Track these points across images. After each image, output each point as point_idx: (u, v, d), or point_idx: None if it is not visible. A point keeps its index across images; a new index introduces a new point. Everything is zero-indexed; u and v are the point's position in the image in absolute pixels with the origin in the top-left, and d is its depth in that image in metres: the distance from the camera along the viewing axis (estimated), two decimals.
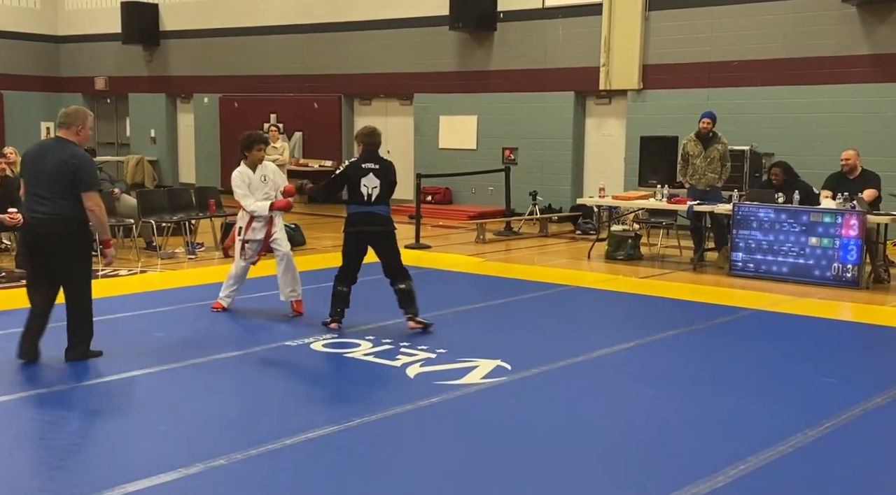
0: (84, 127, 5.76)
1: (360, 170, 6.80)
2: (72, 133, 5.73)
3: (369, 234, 6.87)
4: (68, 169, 5.57)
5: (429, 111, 16.36)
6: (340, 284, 6.98)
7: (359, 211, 6.82)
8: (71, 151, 5.65)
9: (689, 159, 10.60)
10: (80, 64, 21.32)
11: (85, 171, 5.64)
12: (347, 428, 4.73)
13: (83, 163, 5.66)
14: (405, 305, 6.90)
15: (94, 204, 5.64)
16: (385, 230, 6.90)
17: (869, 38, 12.16)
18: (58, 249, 5.67)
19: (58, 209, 5.61)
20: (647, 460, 4.45)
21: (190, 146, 20.21)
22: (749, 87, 13.01)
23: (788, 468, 4.30)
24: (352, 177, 6.80)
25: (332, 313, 6.98)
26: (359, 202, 6.79)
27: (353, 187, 6.80)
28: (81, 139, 5.78)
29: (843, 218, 9.06)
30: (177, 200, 11.66)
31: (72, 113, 5.78)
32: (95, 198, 5.66)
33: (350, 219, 6.88)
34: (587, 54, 14.41)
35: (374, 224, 6.84)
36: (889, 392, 5.50)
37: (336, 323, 6.97)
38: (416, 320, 6.87)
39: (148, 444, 4.54)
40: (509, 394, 5.42)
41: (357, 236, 6.87)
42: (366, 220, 6.83)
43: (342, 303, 6.99)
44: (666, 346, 6.69)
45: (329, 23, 17.33)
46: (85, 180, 5.62)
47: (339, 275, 6.99)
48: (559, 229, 13.91)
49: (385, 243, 6.92)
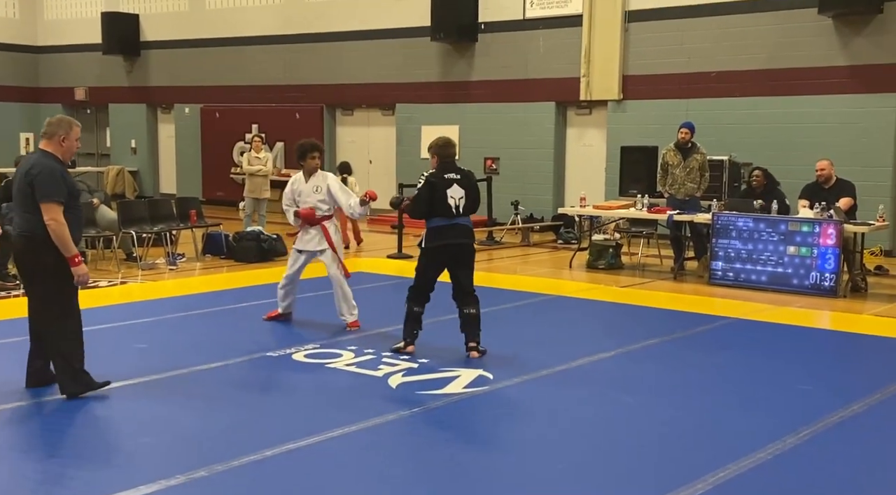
0: (68, 137, 5.32)
1: (444, 181, 6.36)
2: (54, 143, 5.31)
3: (455, 248, 6.43)
4: (27, 181, 5.16)
5: (411, 121, 16.41)
6: (416, 305, 6.50)
7: (446, 224, 6.36)
8: (35, 162, 5.24)
9: (668, 169, 10.69)
10: (60, 74, 21.21)
11: (41, 181, 5.12)
12: (329, 438, 4.73)
13: (41, 173, 5.14)
14: (469, 331, 6.49)
15: (51, 217, 5.10)
16: (470, 243, 6.51)
17: (845, 50, 12.33)
18: (23, 268, 5.36)
19: (24, 225, 5.25)
20: (628, 468, 4.48)
21: (171, 156, 20.14)
22: (727, 97, 13.14)
23: (767, 475, 4.34)
24: (438, 187, 6.34)
25: (407, 335, 6.52)
26: (445, 215, 6.34)
27: (439, 199, 6.33)
28: (65, 150, 5.35)
29: (820, 227, 9.17)
30: (157, 211, 11.62)
31: (55, 122, 5.37)
32: (53, 211, 5.10)
33: (435, 233, 6.40)
34: (568, 65, 14.51)
35: (462, 237, 6.44)
36: (866, 399, 5.56)
37: (411, 345, 6.51)
38: (478, 350, 6.46)
39: (129, 456, 4.52)
40: (491, 404, 5.44)
41: (443, 250, 6.41)
42: (454, 233, 6.39)
43: (417, 325, 6.53)
44: (646, 355, 6.74)
45: (311, 33, 17.36)
46: (40, 191, 5.10)
47: (414, 295, 6.51)
48: (541, 238, 13.97)
49: (467, 258, 6.52)
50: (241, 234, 11.40)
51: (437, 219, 6.37)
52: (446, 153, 6.50)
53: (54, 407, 5.29)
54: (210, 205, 16.73)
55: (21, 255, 5.38)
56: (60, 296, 5.30)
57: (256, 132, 17.25)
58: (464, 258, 6.50)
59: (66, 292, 5.32)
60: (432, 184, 6.35)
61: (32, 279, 5.34)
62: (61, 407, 5.29)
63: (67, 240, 5.19)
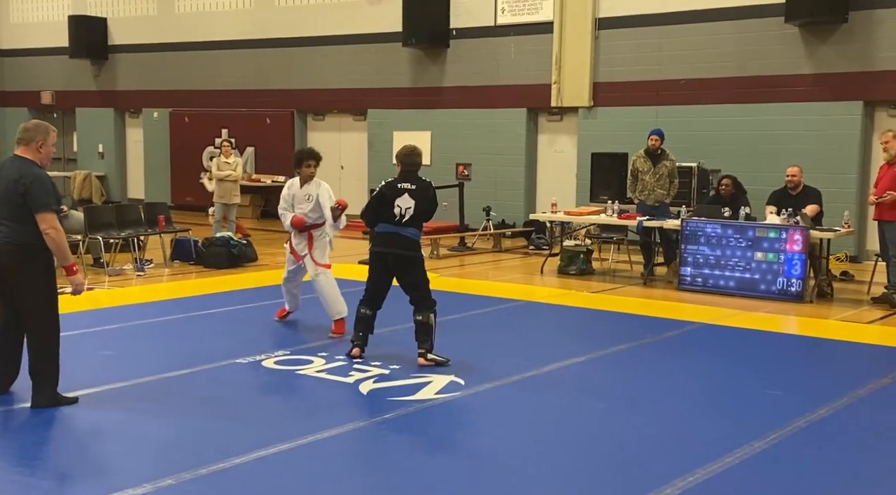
0: (45, 143, 5.25)
1: (395, 191, 6.43)
2: (31, 150, 5.22)
3: (392, 258, 6.44)
4: (18, 190, 5.09)
5: (382, 127, 16.39)
6: (363, 306, 6.56)
7: (386, 230, 6.45)
8: (21, 170, 5.14)
9: (638, 175, 10.77)
10: (26, 78, 20.93)
11: (36, 191, 5.08)
12: (299, 446, 4.70)
13: (34, 182, 5.10)
14: (419, 338, 6.46)
15: (49, 226, 5.11)
16: (408, 255, 6.45)
17: (811, 58, 12.52)
18: (11, 278, 5.21)
19: (11, 234, 5.15)
20: (598, 473, 4.49)
21: (139, 161, 19.93)
22: (696, 105, 13.28)
23: (735, 479, 4.38)
24: (387, 196, 6.42)
25: (354, 337, 6.59)
26: (389, 221, 6.43)
27: (385, 207, 6.42)
28: (43, 157, 5.26)
29: (787, 233, 9.28)
30: (125, 216, 11.48)
31: (31, 128, 5.28)
32: (50, 220, 5.12)
33: (376, 239, 6.55)
34: (539, 71, 14.59)
35: (401, 247, 6.42)
36: (833, 403, 5.63)
37: (358, 348, 6.52)
38: (428, 357, 6.40)
39: (95, 465, 4.45)
40: (463, 410, 5.44)
41: (381, 257, 6.47)
42: (392, 241, 6.42)
43: (364, 328, 6.55)
44: (616, 360, 6.77)
45: (281, 38, 17.29)
46: (37, 201, 5.08)
47: (364, 297, 6.59)
48: (513, 244, 14.00)
49: (406, 268, 6.47)
50: (211, 240, 11.31)
51: (382, 226, 6.48)
52: (410, 161, 6.55)
53: (20, 417, 5.19)
54: (179, 210, 16.58)
55: (10, 265, 5.18)
56: (50, 309, 5.31)
57: (226, 137, 17.13)
58: (402, 268, 6.49)
59: (55, 304, 5.33)
60: (383, 193, 6.47)
61: (23, 290, 5.24)
62: (27, 416, 5.20)
63: (66, 249, 5.23)
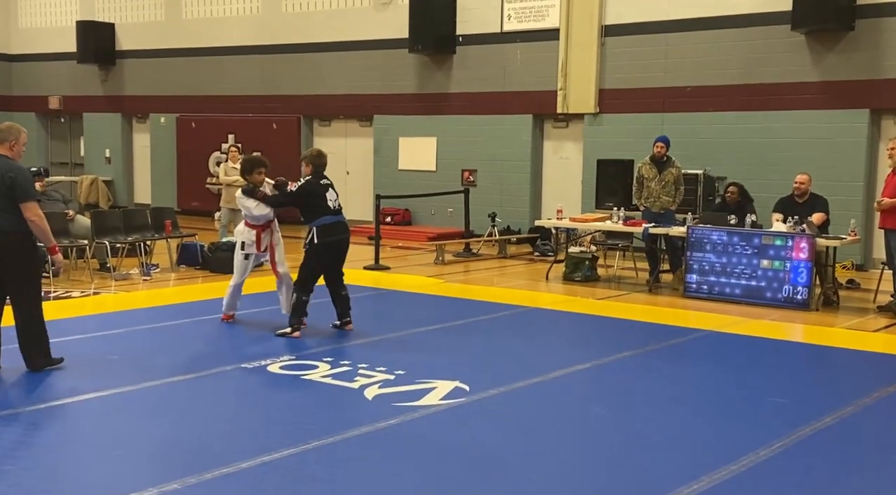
0: (17, 142, 6.00)
1: (321, 187, 7.36)
2: (4, 148, 5.96)
3: (342, 243, 7.42)
4: (5, 183, 5.79)
5: (388, 133, 16.41)
6: (306, 295, 7.34)
7: (333, 221, 7.32)
8: (7, 166, 5.86)
9: (643, 182, 10.77)
10: (34, 83, 21.01)
11: (20, 183, 5.84)
12: (304, 450, 4.70)
13: (18, 175, 5.86)
14: (343, 309, 7.52)
15: (34, 214, 5.86)
16: (349, 238, 7.53)
17: (817, 66, 12.51)
18: (14, 265, 5.91)
19: (8, 225, 5.82)
20: (603, 480, 4.49)
21: (146, 166, 19.99)
22: (702, 112, 13.27)
23: (741, 486, 4.37)
24: (317, 192, 7.31)
25: (298, 323, 7.33)
26: (330, 212, 7.30)
27: (319, 200, 7.29)
28: (15, 154, 6.00)
29: (793, 241, 9.26)
30: (132, 221, 11.51)
31: (5, 129, 6.02)
32: (33, 209, 5.88)
33: (325, 230, 7.27)
34: (545, 78, 14.60)
35: (345, 232, 7.47)
36: (838, 412, 5.62)
37: (297, 331, 7.31)
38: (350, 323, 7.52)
39: (101, 469, 4.46)
40: (468, 415, 5.43)
41: (334, 246, 7.35)
42: (342, 229, 7.41)
43: (304, 313, 7.38)
44: (621, 367, 6.76)
45: (288, 44, 17.34)
46: (24, 192, 5.84)
47: (306, 286, 7.34)
48: (518, 250, 14.00)
49: (346, 251, 7.51)
50: (217, 245, 11.33)
51: (325, 218, 7.28)
52: (320, 162, 7.49)
53: (23, 419, 5.21)
54: (185, 215, 16.62)
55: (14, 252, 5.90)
56: (38, 288, 6.19)
57: (233, 142, 17.18)
58: (345, 251, 7.52)
59: (38, 285, 6.20)
60: (310, 190, 7.32)
61: (24, 274, 5.98)
62: (30, 418, 5.22)
63: (48, 232, 6.01)
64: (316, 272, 7.41)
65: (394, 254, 13.29)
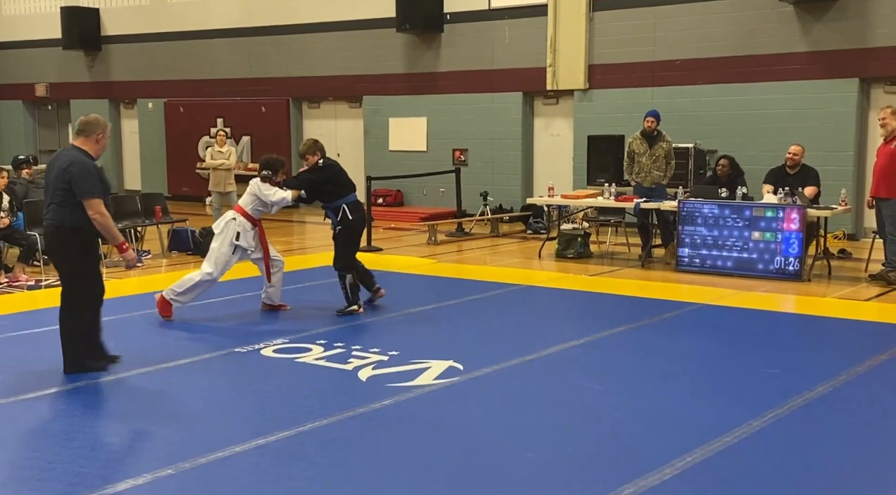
0: (104, 136, 5.79)
1: (339, 166, 7.58)
2: (91, 141, 5.75)
3: (364, 218, 7.79)
4: (65, 177, 5.58)
5: (378, 113, 16.35)
6: (352, 271, 7.47)
7: (355, 198, 7.52)
8: (70, 159, 5.62)
9: (634, 157, 10.75)
10: (19, 71, 20.85)
11: (79, 179, 5.55)
12: (299, 433, 4.71)
13: (78, 171, 5.57)
14: (373, 279, 7.72)
15: (95, 212, 5.61)
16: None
17: (806, 36, 12.47)
18: (49, 255, 6.10)
19: (56, 217, 5.66)
20: (598, 454, 4.50)
21: (135, 152, 19.90)
22: (692, 85, 13.24)
23: (734, 457, 4.39)
24: (340, 169, 7.52)
25: (356, 302, 7.47)
26: (353, 189, 7.52)
27: (344, 178, 7.48)
28: (100, 148, 5.81)
29: (784, 212, 9.27)
30: (122, 207, 11.45)
31: (92, 121, 5.78)
32: (95, 206, 5.61)
33: (354, 206, 7.45)
34: (534, 55, 14.54)
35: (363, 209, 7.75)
36: (831, 381, 5.64)
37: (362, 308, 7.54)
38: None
39: (95, 456, 4.46)
40: (462, 395, 5.44)
41: (362, 220, 7.60)
42: (361, 206, 7.61)
43: (358, 288, 7.54)
44: (615, 342, 6.78)
45: (275, 25, 17.22)
46: (80, 188, 5.55)
47: (351, 263, 7.47)
48: (510, 229, 13.99)
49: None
50: (208, 230, 11.28)
51: (351, 195, 7.45)
52: (323, 147, 7.58)
53: (15, 408, 5.20)
54: (176, 200, 16.57)
55: (49, 245, 5.92)
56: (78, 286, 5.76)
57: (221, 126, 17.10)
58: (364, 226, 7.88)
59: (86, 282, 5.79)
60: (335, 169, 7.44)
61: (58, 267, 5.89)
62: (27, 405, 5.21)
63: (114, 230, 5.78)
64: (356, 248, 7.57)
65: (386, 235, 13.27)
